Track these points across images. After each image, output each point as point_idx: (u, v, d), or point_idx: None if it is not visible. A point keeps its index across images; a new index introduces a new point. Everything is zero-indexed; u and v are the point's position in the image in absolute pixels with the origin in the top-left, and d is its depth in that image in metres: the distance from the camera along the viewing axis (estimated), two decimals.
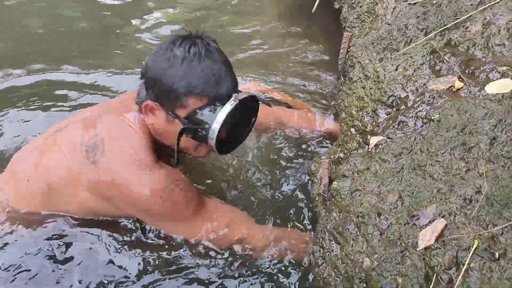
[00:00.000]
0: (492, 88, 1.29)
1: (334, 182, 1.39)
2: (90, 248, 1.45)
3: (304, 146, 1.83)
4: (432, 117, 1.30)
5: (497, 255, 0.96)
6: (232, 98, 1.31)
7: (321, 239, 1.33)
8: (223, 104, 1.30)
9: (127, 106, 1.44)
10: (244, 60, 2.48)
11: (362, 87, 1.61)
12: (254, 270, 1.43)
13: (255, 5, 3.00)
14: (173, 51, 1.31)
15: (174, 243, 1.44)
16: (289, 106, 1.96)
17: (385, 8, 1.83)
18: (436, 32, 1.55)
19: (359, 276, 1.12)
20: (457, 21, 1.54)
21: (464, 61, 1.42)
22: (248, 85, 2.12)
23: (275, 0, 3.00)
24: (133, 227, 1.49)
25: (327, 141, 1.83)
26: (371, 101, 1.54)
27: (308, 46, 2.56)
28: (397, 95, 1.46)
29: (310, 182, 1.60)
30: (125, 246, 1.46)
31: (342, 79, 1.79)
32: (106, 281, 1.40)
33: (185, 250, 1.44)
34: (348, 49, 1.78)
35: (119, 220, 1.49)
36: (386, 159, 1.30)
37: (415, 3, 1.71)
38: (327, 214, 1.37)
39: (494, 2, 1.54)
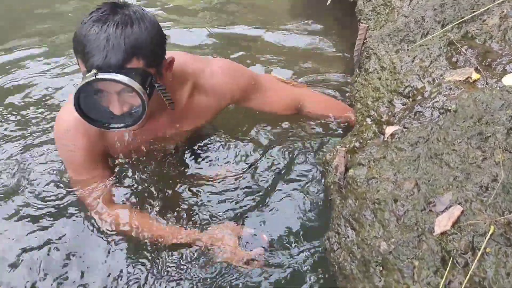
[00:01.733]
0: (509, 79, 1.31)
1: (350, 170, 1.41)
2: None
3: (316, 136, 1.84)
4: (449, 108, 1.32)
5: None
6: (91, 73, 1.27)
7: (336, 225, 1.36)
8: (87, 68, 1.29)
9: None
10: (258, 54, 2.50)
11: (378, 78, 1.63)
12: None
13: None
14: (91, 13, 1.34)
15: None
16: None
17: (402, 0, 1.84)
18: (453, 24, 1.56)
19: (375, 260, 1.15)
20: (474, 14, 1.56)
21: (481, 53, 1.43)
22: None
23: None
24: None
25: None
26: (387, 92, 1.56)
27: (323, 38, 2.57)
28: (413, 86, 1.48)
29: (323, 171, 1.63)
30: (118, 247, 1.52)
31: (358, 71, 1.81)
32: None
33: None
34: (364, 41, 1.80)
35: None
36: (402, 148, 1.33)
37: None
38: (343, 201, 1.40)
39: None
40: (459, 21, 1.55)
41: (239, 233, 1.47)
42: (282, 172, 1.74)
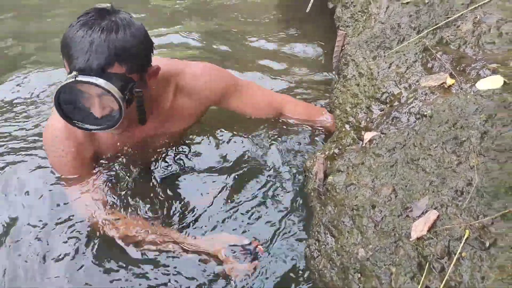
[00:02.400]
0: (483, 84, 1.33)
1: (329, 177, 1.42)
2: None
3: (297, 142, 1.85)
4: (425, 113, 1.34)
5: (487, 244, 0.99)
6: (71, 75, 1.30)
7: (316, 232, 1.36)
8: (72, 70, 1.32)
9: None
10: (239, 60, 2.51)
11: (356, 84, 1.64)
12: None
13: (251, 5, 3.02)
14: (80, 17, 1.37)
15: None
16: None
17: (378, 7, 1.86)
18: (428, 30, 1.58)
19: (354, 267, 1.15)
20: (448, 20, 1.58)
21: (455, 59, 1.45)
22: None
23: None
24: None
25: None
26: (365, 98, 1.57)
27: (303, 45, 2.59)
28: (390, 92, 1.50)
29: (304, 178, 1.63)
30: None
31: (336, 77, 1.83)
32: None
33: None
34: (343, 48, 1.81)
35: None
36: (380, 154, 1.33)
37: (407, 3, 1.75)
38: (322, 208, 1.40)
39: (485, 1, 1.58)
40: (434, 27, 1.57)
41: (232, 242, 1.45)
42: (263, 179, 1.74)
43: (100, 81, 1.30)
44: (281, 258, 1.46)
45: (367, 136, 1.46)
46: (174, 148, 1.78)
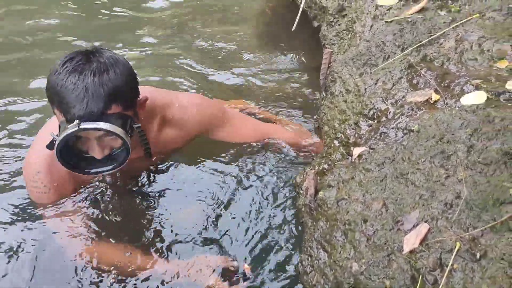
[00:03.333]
0: (467, 99, 1.37)
1: (320, 192, 1.43)
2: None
3: (286, 158, 1.87)
4: (412, 128, 1.37)
5: (478, 255, 1.01)
6: (74, 124, 1.29)
7: (308, 248, 1.37)
8: (71, 120, 1.31)
9: None
10: (224, 76, 2.53)
11: (344, 100, 1.67)
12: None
13: (235, 21, 3.06)
14: (57, 62, 1.36)
15: None
16: None
17: (363, 26, 1.91)
18: (412, 48, 1.63)
19: (348, 281, 1.16)
20: (431, 37, 1.63)
21: (439, 75, 1.49)
22: (232, 104, 2.16)
23: (256, 15, 3.08)
24: None
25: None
26: (353, 114, 1.60)
27: (290, 62, 2.63)
28: (377, 108, 1.53)
29: (295, 194, 1.65)
30: None
31: (324, 94, 1.85)
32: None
33: None
34: (329, 65, 1.85)
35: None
36: (370, 169, 1.36)
37: (391, 21, 1.80)
38: (314, 223, 1.41)
39: (466, 19, 1.64)
40: (418, 44, 1.62)
41: (220, 265, 1.44)
42: (253, 195, 1.74)
43: (104, 125, 1.31)
44: (274, 275, 1.46)
45: (356, 151, 1.48)
46: (156, 170, 1.77)
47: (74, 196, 1.60)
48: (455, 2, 1.78)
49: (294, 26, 2.21)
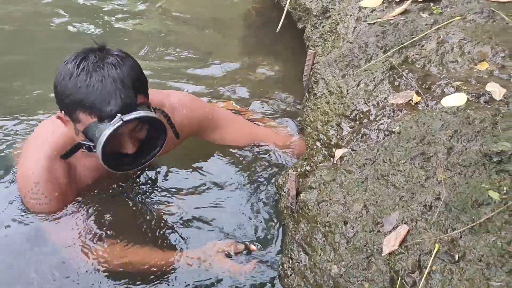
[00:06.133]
0: (448, 101, 1.37)
1: (301, 194, 1.42)
2: None
3: (271, 161, 1.86)
4: (393, 129, 1.36)
5: (456, 257, 1.01)
6: (116, 119, 1.27)
7: (289, 250, 1.36)
8: (108, 118, 1.29)
9: None
10: (209, 78, 2.51)
11: (326, 102, 1.67)
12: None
13: (220, 22, 3.05)
14: (67, 65, 1.32)
15: None
16: None
17: (346, 27, 1.91)
18: (394, 50, 1.63)
19: (327, 284, 1.15)
20: (413, 39, 1.63)
21: (421, 77, 1.49)
22: (221, 105, 2.15)
23: (240, 18, 3.07)
24: None
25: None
26: (335, 116, 1.59)
27: (273, 63, 2.62)
28: (359, 109, 1.52)
29: (278, 195, 1.64)
30: None
31: (307, 95, 1.85)
32: None
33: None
34: (312, 66, 1.84)
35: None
36: (351, 170, 1.35)
37: (374, 23, 1.80)
38: (295, 225, 1.40)
39: (447, 22, 1.64)
40: (400, 46, 1.62)
41: (229, 248, 1.46)
42: (236, 198, 1.73)
43: (146, 113, 1.31)
44: (255, 277, 1.44)
45: (338, 153, 1.48)
46: (145, 170, 1.75)
47: (76, 204, 1.56)
48: (437, 4, 1.79)
49: (279, 27, 2.21)
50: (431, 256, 1.02)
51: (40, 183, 1.44)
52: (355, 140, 1.46)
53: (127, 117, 1.27)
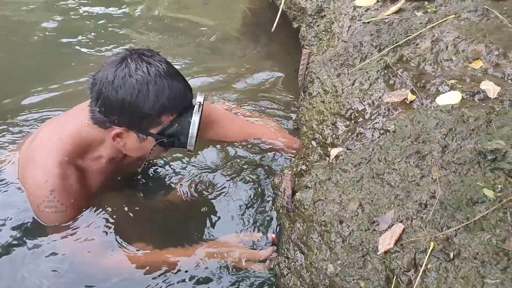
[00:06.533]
0: (442, 99, 1.38)
1: (297, 194, 1.42)
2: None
3: (267, 160, 1.86)
4: (388, 128, 1.37)
5: (452, 255, 1.01)
6: (197, 105, 1.43)
7: (286, 249, 1.35)
8: (189, 111, 1.44)
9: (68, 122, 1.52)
10: (203, 77, 2.51)
11: (322, 101, 1.67)
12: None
13: (215, 22, 3.05)
14: (133, 77, 1.35)
15: None
16: None
17: (341, 26, 1.91)
18: (389, 48, 1.63)
19: (323, 283, 1.15)
20: (408, 38, 1.63)
21: (415, 76, 1.50)
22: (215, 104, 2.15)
23: (236, 17, 3.06)
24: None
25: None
26: (331, 115, 1.59)
27: (268, 63, 2.62)
28: (354, 108, 1.53)
29: (274, 195, 1.63)
30: None
31: (302, 95, 1.85)
32: None
33: None
34: (307, 66, 1.84)
35: None
36: (346, 169, 1.35)
37: (368, 22, 1.80)
38: (291, 225, 1.40)
39: (442, 20, 1.65)
40: (394, 45, 1.62)
41: (247, 239, 1.50)
42: (233, 197, 1.73)
43: (200, 94, 1.49)
44: (252, 277, 1.44)
45: (333, 152, 1.48)
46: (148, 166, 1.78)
47: (90, 210, 1.54)
48: (432, 3, 1.79)
49: (274, 27, 2.21)
50: (426, 254, 1.02)
51: (55, 190, 1.41)
52: (350, 139, 1.46)
53: (199, 99, 1.45)
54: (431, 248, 1.03)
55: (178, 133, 1.45)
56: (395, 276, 1.03)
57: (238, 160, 1.84)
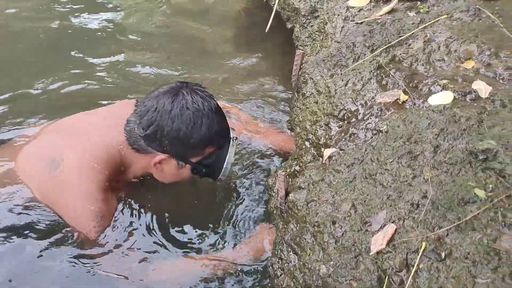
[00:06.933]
0: (434, 100, 1.38)
1: (290, 194, 1.42)
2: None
3: (261, 161, 1.86)
4: (381, 129, 1.37)
5: (443, 255, 1.01)
6: (232, 139, 1.55)
7: (279, 250, 1.36)
8: (225, 145, 1.54)
9: (105, 135, 1.51)
10: (198, 79, 2.51)
11: (315, 102, 1.67)
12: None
13: (209, 23, 3.04)
14: (190, 109, 1.43)
15: None
16: None
17: (334, 27, 1.91)
18: (381, 49, 1.63)
19: (316, 284, 1.15)
20: (400, 38, 1.64)
21: (408, 76, 1.50)
22: None
23: (230, 17, 3.06)
24: None
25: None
26: (324, 115, 1.60)
27: (262, 63, 2.62)
28: (347, 109, 1.53)
29: (268, 196, 1.64)
30: None
31: (296, 95, 1.85)
32: None
33: None
34: (301, 66, 1.84)
35: None
36: (339, 170, 1.35)
37: (361, 22, 1.80)
38: (285, 226, 1.40)
39: (434, 20, 1.65)
40: (387, 45, 1.63)
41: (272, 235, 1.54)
42: (227, 198, 1.73)
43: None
44: (245, 278, 1.44)
45: (327, 152, 1.48)
46: None
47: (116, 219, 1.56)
48: (424, 3, 1.80)
49: (268, 27, 2.21)
50: (418, 255, 1.03)
51: (104, 216, 1.46)
52: (343, 139, 1.47)
53: (233, 133, 1.57)
54: (422, 248, 1.03)
55: (213, 164, 1.54)
56: (387, 277, 1.04)
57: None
